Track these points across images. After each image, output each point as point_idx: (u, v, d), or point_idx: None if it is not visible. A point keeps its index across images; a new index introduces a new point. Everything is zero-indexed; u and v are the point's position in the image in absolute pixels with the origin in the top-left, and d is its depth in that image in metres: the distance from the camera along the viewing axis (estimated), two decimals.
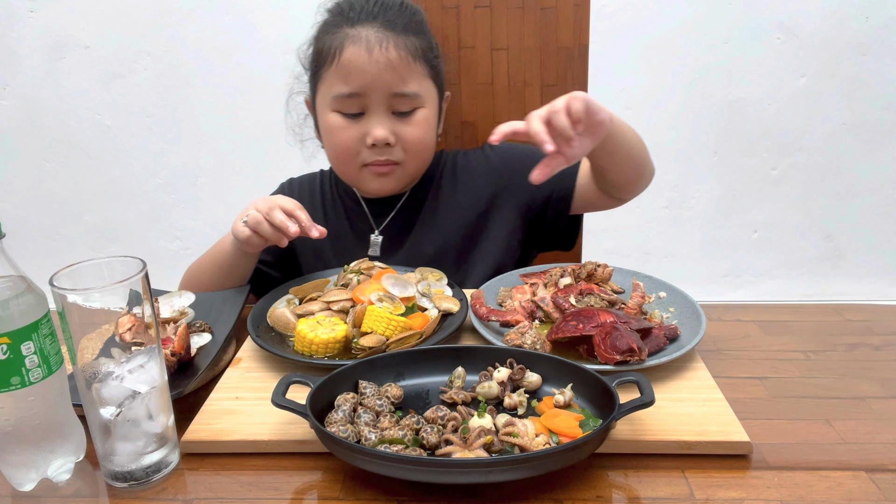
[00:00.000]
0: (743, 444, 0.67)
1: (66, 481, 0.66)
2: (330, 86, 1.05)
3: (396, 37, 1.02)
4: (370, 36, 1.01)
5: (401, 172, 1.09)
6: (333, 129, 1.07)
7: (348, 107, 1.05)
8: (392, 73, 1.02)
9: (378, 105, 1.04)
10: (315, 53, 1.08)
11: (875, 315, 0.97)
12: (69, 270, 0.62)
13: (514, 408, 0.71)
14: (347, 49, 1.02)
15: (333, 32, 1.04)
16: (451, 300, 0.92)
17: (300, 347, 0.82)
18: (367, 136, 1.05)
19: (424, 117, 1.07)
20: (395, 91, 1.03)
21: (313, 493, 0.63)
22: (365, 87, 1.02)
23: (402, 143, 1.06)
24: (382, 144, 1.05)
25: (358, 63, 1.01)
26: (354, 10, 1.04)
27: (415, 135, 1.06)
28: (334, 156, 1.11)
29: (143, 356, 0.63)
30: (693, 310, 0.89)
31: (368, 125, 1.04)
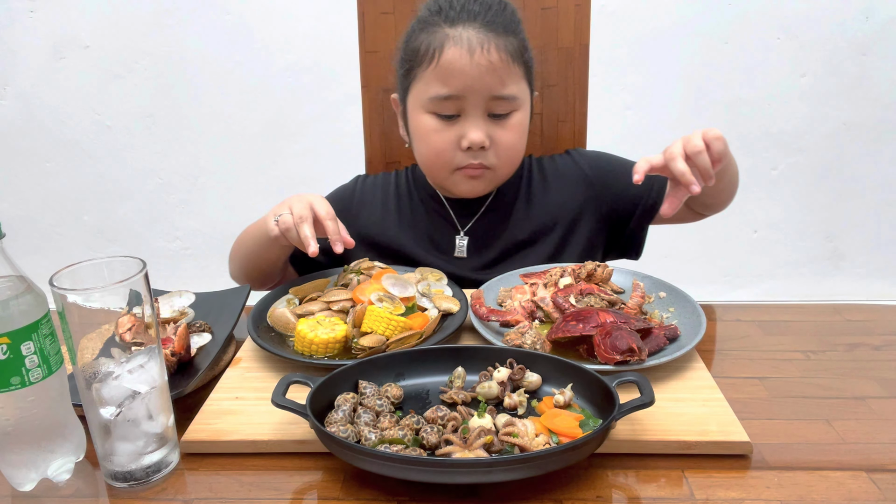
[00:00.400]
0: (743, 444, 0.67)
1: (66, 481, 0.66)
2: (426, 86, 1.02)
3: (497, 38, 0.99)
4: (471, 37, 0.98)
5: (492, 175, 1.07)
6: (428, 130, 1.04)
7: (445, 108, 1.02)
8: (492, 76, 0.99)
9: (476, 108, 1.01)
10: (410, 52, 1.04)
11: (875, 315, 0.97)
12: (69, 270, 0.62)
13: (514, 408, 0.71)
14: (448, 50, 0.99)
15: (432, 31, 1.01)
16: (451, 300, 0.92)
17: (300, 347, 0.82)
18: (462, 138, 1.02)
19: (519, 121, 1.05)
20: (495, 94, 1.00)
21: (313, 493, 0.63)
22: (464, 89, 0.99)
23: (496, 147, 1.04)
24: (478, 148, 1.03)
25: (459, 65, 0.98)
26: (454, 9, 1.01)
27: (509, 139, 1.04)
28: (427, 157, 1.08)
29: (143, 356, 0.63)
30: (693, 310, 0.89)
31: (464, 128, 1.02)
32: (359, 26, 1.25)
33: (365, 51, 1.26)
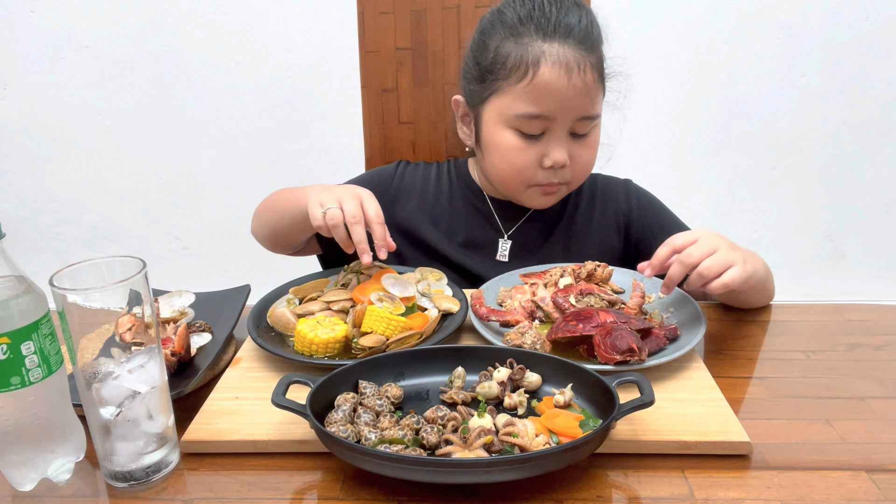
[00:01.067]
0: (743, 444, 0.67)
1: (66, 481, 0.66)
2: (514, 102, 0.97)
3: (590, 55, 0.96)
4: (569, 56, 0.94)
5: (564, 190, 1.07)
6: (510, 148, 1.01)
7: (531, 128, 0.98)
8: (585, 98, 0.97)
9: (562, 128, 0.98)
10: (494, 61, 0.99)
11: (875, 315, 0.97)
12: (69, 270, 0.62)
13: (514, 408, 0.71)
14: (544, 69, 0.94)
15: (523, 43, 0.96)
16: (451, 300, 0.92)
17: (300, 347, 0.82)
18: (545, 157, 1.00)
19: (596, 138, 1.04)
20: (583, 115, 0.98)
21: (313, 493, 0.63)
22: (555, 111, 0.96)
23: (574, 164, 1.02)
24: (560, 167, 1.01)
25: (555, 86, 0.94)
26: (548, 20, 0.95)
27: (587, 158, 1.04)
28: (504, 173, 1.04)
29: (143, 356, 0.63)
30: (693, 310, 0.89)
31: (548, 147, 0.99)
32: (359, 26, 1.25)
33: (365, 51, 1.26)
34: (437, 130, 1.29)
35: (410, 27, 1.25)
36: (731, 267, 0.82)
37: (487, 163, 1.06)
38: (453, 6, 1.24)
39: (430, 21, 1.24)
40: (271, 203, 1.08)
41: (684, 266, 0.83)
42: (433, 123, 1.29)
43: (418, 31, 1.25)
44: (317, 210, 0.88)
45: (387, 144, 1.30)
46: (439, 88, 1.27)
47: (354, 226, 0.86)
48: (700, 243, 0.84)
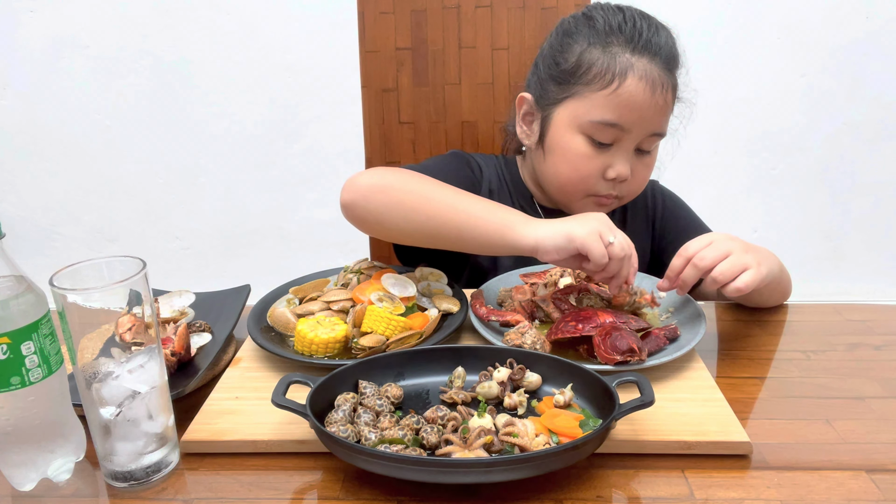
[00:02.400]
0: (743, 444, 0.67)
1: (66, 481, 0.66)
2: (592, 108, 0.97)
3: (671, 77, 0.98)
4: (654, 73, 0.95)
5: (615, 204, 1.06)
6: (578, 154, 1.00)
7: (603, 136, 0.98)
8: (662, 116, 0.98)
9: (632, 142, 0.99)
10: (575, 65, 0.98)
11: (875, 315, 0.97)
12: (69, 270, 0.62)
13: (514, 408, 0.71)
14: (631, 81, 0.95)
15: (611, 53, 0.96)
16: (451, 300, 0.92)
17: (300, 347, 0.82)
18: (609, 168, 0.99)
19: (655, 157, 1.05)
20: (655, 132, 0.99)
21: (313, 493, 0.63)
22: (633, 124, 0.96)
23: (633, 180, 1.02)
24: (621, 181, 1.01)
25: (639, 100, 0.95)
26: (639, 36, 0.96)
27: (644, 175, 1.04)
28: (566, 178, 1.03)
29: (143, 356, 0.63)
30: (693, 310, 0.89)
31: (614, 159, 0.99)
32: (359, 26, 1.25)
33: (365, 51, 1.26)
34: (438, 130, 1.29)
35: (410, 27, 1.25)
36: (745, 271, 0.82)
37: (549, 165, 1.05)
38: (453, 6, 1.24)
39: (430, 21, 1.24)
40: (433, 207, 0.89)
41: (697, 270, 0.83)
42: (433, 123, 1.29)
43: (418, 31, 1.25)
44: (598, 242, 0.79)
45: (387, 144, 1.30)
46: (439, 88, 1.27)
47: (633, 257, 0.82)
48: (713, 247, 0.84)
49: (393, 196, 0.90)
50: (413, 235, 0.91)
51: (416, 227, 0.90)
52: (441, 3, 1.24)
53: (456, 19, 1.25)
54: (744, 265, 0.82)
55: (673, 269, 0.85)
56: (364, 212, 0.91)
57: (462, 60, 1.26)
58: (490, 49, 1.26)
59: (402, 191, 0.90)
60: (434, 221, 0.88)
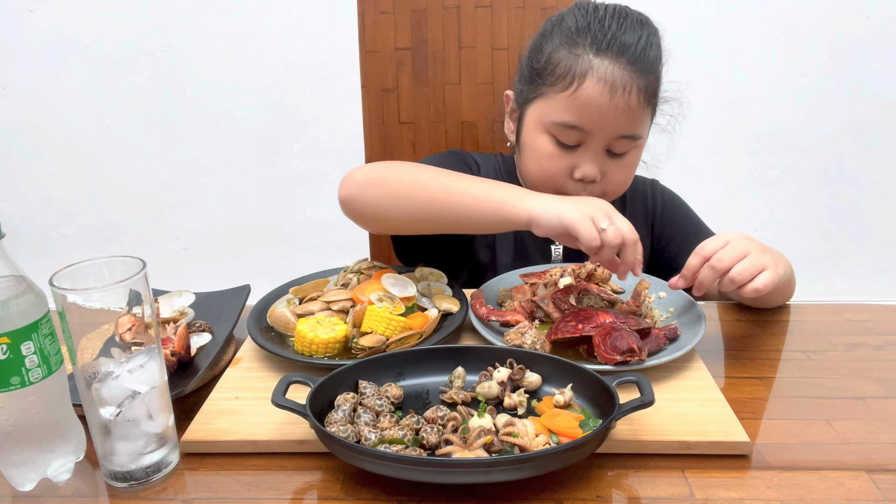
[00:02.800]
0: (743, 444, 0.67)
1: (66, 481, 0.66)
2: (553, 108, 0.97)
3: (640, 78, 0.94)
4: (615, 75, 0.93)
5: None
6: (543, 154, 1.00)
7: (567, 137, 0.97)
8: (626, 118, 0.95)
9: (598, 143, 0.97)
10: (544, 65, 0.98)
11: (875, 315, 0.97)
12: (69, 270, 0.62)
13: (514, 408, 0.71)
14: (589, 83, 0.93)
15: (574, 53, 0.95)
16: (451, 300, 0.92)
17: (300, 347, 0.82)
18: (575, 169, 0.99)
19: (634, 160, 1.02)
20: (622, 134, 0.97)
21: (313, 493, 0.63)
22: (593, 126, 0.95)
23: (606, 182, 1.01)
24: (589, 181, 1.00)
25: (596, 102, 0.93)
26: (604, 34, 0.95)
27: (621, 177, 1.02)
28: (535, 178, 1.04)
29: (143, 356, 0.63)
30: (693, 310, 0.89)
31: (580, 160, 0.98)
32: (359, 26, 1.25)
33: (365, 51, 1.26)
34: (438, 130, 1.29)
35: (410, 27, 1.25)
36: (763, 271, 0.82)
37: (523, 162, 1.06)
38: (453, 6, 1.24)
39: (430, 21, 1.24)
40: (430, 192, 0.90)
41: (715, 272, 0.82)
42: (433, 123, 1.29)
43: (418, 31, 1.25)
44: (591, 229, 0.79)
45: (387, 144, 1.30)
46: (439, 88, 1.27)
47: (636, 244, 0.81)
48: (731, 247, 0.83)
49: (389, 186, 0.91)
50: (412, 223, 0.93)
51: (415, 214, 0.90)
52: (441, 3, 1.24)
53: (456, 19, 1.25)
54: (762, 265, 0.82)
55: (689, 269, 0.84)
56: (362, 205, 0.92)
57: (462, 60, 1.26)
58: (490, 49, 1.26)
59: (397, 180, 0.92)
60: (432, 206, 0.89)
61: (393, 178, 0.92)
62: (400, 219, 0.92)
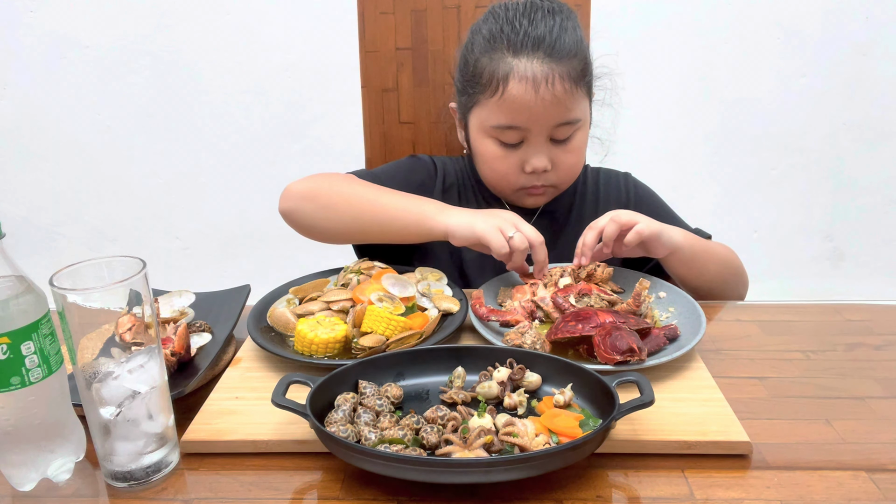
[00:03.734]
0: (743, 444, 0.67)
1: (66, 481, 0.66)
2: (489, 114, 1.02)
3: (561, 66, 0.97)
4: (535, 70, 0.96)
5: (553, 191, 1.09)
6: (491, 157, 1.05)
7: (508, 137, 1.02)
8: (557, 107, 0.98)
9: (539, 136, 1.01)
10: (472, 75, 1.03)
11: (875, 315, 0.97)
12: (69, 270, 0.62)
13: (514, 408, 0.71)
14: (512, 85, 0.97)
15: (494, 59, 0.99)
16: (451, 300, 0.92)
17: (300, 347, 0.82)
18: (525, 164, 1.03)
19: (580, 141, 1.05)
20: (559, 122, 1.00)
21: (313, 493, 0.63)
22: (528, 122, 0.99)
23: (558, 168, 1.04)
24: (540, 172, 1.03)
25: (523, 101, 0.97)
26: (516, 33, 0.98)
27: (570, 161, 1.05)
28: (490, 178, 1.09)
29: (143, 356, 0.63)
30: (693, 310, 0.89)
31: (527, 154, 1.02)
32: (359, 26, 1.25)
33: (365, 51, 1.26)
34: (438, 130, 1.29)
35: (410, 27, 1.25)
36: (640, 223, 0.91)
37: (478, 167, 1.11)
38: (453, 6, 1.24)
39: (430, 21, 1.24)
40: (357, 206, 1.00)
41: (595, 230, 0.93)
42: (433, 123, 1.29)
43: (418, 31, 1.25)
44: (499, 238, 0.89)
45: (387, 144, 1.30)
46: (439, 88, 1.27)
47: (540, 247, 0.90)
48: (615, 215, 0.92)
49: (320, 202, 1.02)
50: (344, 234, 1.03)
51: (344, 227, 1.01)
52: (441, 3, 1.24)
53: (456, 19, 1.25)
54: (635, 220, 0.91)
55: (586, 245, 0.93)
56: (299, 218, 1.03)
57: None
58: None
59: (328, 195, 1.02)
60: (359, 220, 1.00)
61: (323, 193, 1.02)
62: (331, 231, 1.02)
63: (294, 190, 1.03)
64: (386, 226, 0.98)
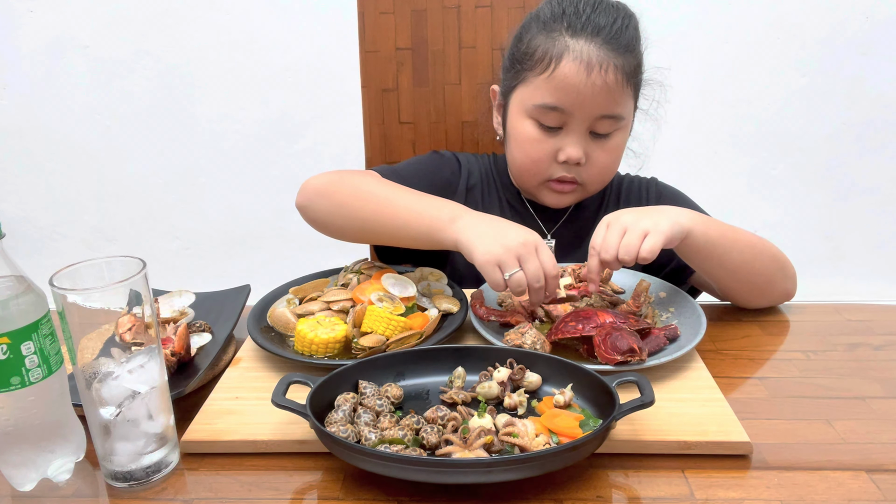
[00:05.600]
0: (743, 444, 0.67)
1: (66, 481, 0.66)
2: (534, 92, 0.99)
3: (616, 57, 0.96)
4: (591, 54, 0.95)
5: (581, 192, 1.06)
6: (527, 139, 1.02)
7: (548, 119, 0.99)
8: (605, 97, 0.96)
9: (580, 124, 0.98)
10: (524, 52, 1.00)
11: (875, 315, 0.97)
12: (69, 270, 0.62)
13: (514, 408, 0.71)
14: (565, 63, 0.95)
15: (551, 37, 0.97)
16: (451, 300, 0.92)
17: (300, 347, 0.82)
18: (560, 152, 1.00)
19: (619, 142, 1.03)
20: (603, 114, 0.98)
21: (313, 493, 0.63)
22: (573, 105, 0.97)
23: (591, 165, 1.02)
24: (574, 163, 1.01)
25: (574, 81, 0.95)
26: (578, 17, 0.97)
27: (605, 160, 1.03)
28: (521, 163, 1.05)
29: (143, 356, 0.63)
30: (693, 310, 0.89)
31: (564, 142, 1.00)
32: (359, 26, 1.25)
33: (365, 51, 1.26)
34: (438, 130, 1.29)
35: (410, 27, 1.25)
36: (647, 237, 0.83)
37: (509, 152, 1.08)
38: (453, 6, 1.24)
39: (430, 21, 1.24)
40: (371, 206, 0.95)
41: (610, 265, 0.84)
42: (433, 123, 1.29)
43: (418, 31, 1.25)
44: (496, 274, 0.81)
45: (387, 144, 1.30)
46: (439, 88, 1.27)
47: (538, 291, 0.82)
48: (610, 230, 0.85)
49: (335, 199, 0.97)
50: (357, 234, 0.98)
51: (357, 226, 0.96)
52: (441, 3, 1.24)
53: (456, 19, 1.25)
54: (643, 231, 0.83)
55: (591, 271, 0.86)
56: (313, 213, 0.98)
57: (462, 60, 1.26)
58: (490, 49, 1.25)
59: (343, 193, 0.96)
60: (371, 222, 0.94)
61: (338, 190, 0.97)
62: (344, 230, 0.98)
63: (311, 185, 0.99)
64: (396, 232, 0.93)
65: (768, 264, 0.97)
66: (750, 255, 0.94)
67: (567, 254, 1.12)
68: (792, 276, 1.00)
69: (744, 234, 0.95)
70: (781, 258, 0.99)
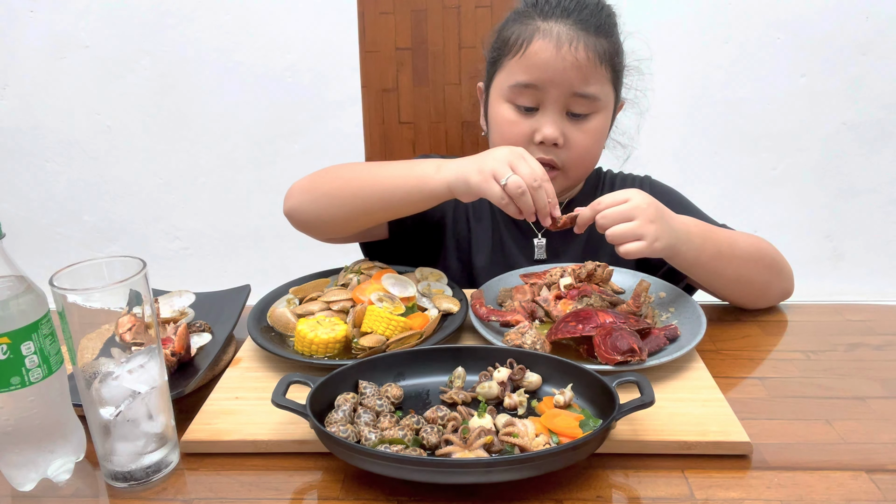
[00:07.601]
0: (743, 444, 0.67)
1: (66, 481, 0.66)
2: (509, 75, 1.01)
3: (587, 37, 0.98)
4: (561, 32, 0.97)
5: (561, 179, 1.05)
6: (504, 121, 1.03)
7: (524, 99, 1.00)
8: (576, 73, 0.97)
9: (554, 102, 0.99)
10: (500, 42, 1.04)
11: (875, 315, 0.97)
12: (69, 270, 0.62)
13: (514, 408, 0.71)
14: (535, 42, 0.98)
15: (524, 23, 1.00)
16: (451, 300, 0.92)
17: (300, 347, 0.82)
18: (536, 132, 1.00)
19: (597, 126, 1.03)
20: (576, 91, 0.98)
21: (313, 493, 0.63)
22: (545, 81, 0.98)
23: (570, 147, 1.02)
24: (551, 143, 1.00)
25: (544, 56, 0.97)
26: (549, 4, 1.00)
27: (584, 142, 1.02)
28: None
29: (143, 356, 0.63)
30: (693, 310, 0.89)
31: (540, 122, 1.00)
32: (359, 26, 1.25)
33: (365, 51, 1.26)
34: (438, 130, 1.29)
35: (410, 27, 1.25)
36: (637, 241, 0.84)
37: (490, 143, 1.09)
38: (453, 6, 1.24)
39: (430, 21, 1.24)
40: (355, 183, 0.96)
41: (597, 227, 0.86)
42: (433, 123, 1.29)
43: (418, 31, 1.25)
44: (492, 185, 0.83)
45: (387, 144, 1.30)
46: (439, 88, 1.27)
47: (538, 190, 0.83)
48: (622, 208, 0.85)
49: (318, 191, 0.98)
50: (348, 220, 0.98)
51: (347, 211, 0.96)
52: (441, 3, 1.24)
53: (456, 19, 1.25)
54: (639, 235, 0.84)
55: (583, 220, 0.88)
56: (302, 214, 0.99)
57: (462, 60, 1.26)
58: None
59: (327, 183, 0.98)
60: (358, 199, 0.94)
61: (320, 182, 0.98)
62: (336, 218, 0.97)
63: (294, 187, 1.01)
64: (387, 198, 0.92)
65: (763, 272, 0.98)
66: (745, 269, 0.95)
67: (559, 254, 1.12)
68: (789, 276, 1.01)
69: (739, 247, 0.95)
70: (777, 263, 1.00)
